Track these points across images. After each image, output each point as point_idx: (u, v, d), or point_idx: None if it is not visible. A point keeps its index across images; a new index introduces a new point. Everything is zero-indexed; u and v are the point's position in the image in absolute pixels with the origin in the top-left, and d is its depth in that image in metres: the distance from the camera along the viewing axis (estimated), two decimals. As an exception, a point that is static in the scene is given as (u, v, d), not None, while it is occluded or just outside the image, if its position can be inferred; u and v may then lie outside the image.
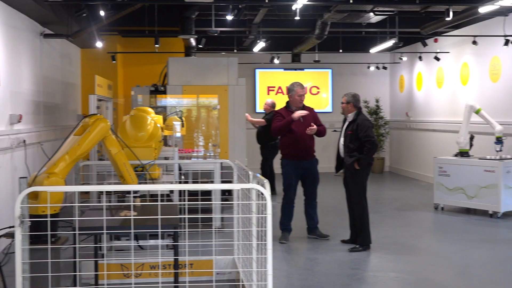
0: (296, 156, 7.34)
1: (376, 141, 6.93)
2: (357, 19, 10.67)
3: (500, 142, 8.89)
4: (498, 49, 10.09)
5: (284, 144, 7.43)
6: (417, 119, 14.03)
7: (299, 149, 7.32)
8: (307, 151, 7.39)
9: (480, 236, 7.69)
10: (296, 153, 7.33)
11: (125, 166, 4.87)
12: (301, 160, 7.36)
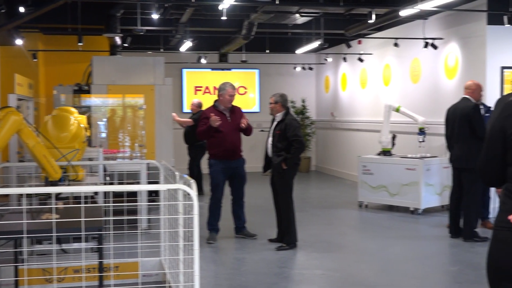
0: (223, 156, 7.33)
1: (304, 141, 7.01)
2: (283, 20, 10.81)
3: (423, 133, 9.18)
4: (418, 51, 10.44)
5: (212, 144, 7.41)
6: (342, 119, 14.34)
7: (226, 149, 7.32)
8: (234, 151, 7.40)
9: (402, 232, 7.94)
10: (224, 153, 7.33)
11: (45, 158, 4.71)
12: (228, 160, 7.36)
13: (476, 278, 5.70)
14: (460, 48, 9.51)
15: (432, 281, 5.86)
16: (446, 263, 6.64)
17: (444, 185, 9.03)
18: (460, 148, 7.28)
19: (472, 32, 9.20)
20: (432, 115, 9.95)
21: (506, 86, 8.84)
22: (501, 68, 8.85)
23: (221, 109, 7.36)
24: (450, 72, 9.76)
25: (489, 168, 2.42)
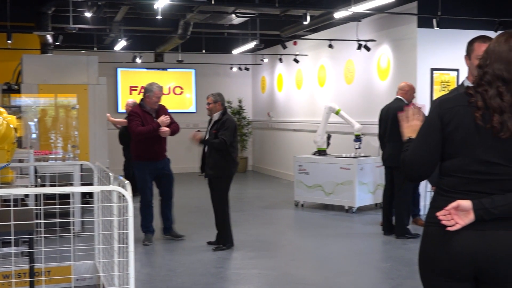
0: (148, 157, 7.22)
1: (226, 144, 6.75)
2: (219, 20, 10.79)
3: (359, 140, 9.38)
4: (352, 53, 10.65)
5: (137, 145, 7.25)
6: (278, 119, 14.45)
7: (152, 150, 7.21)
8: (160, 152, 7.33)
9: (337, 231, 8.07)
10: (150, 155, 7.21)
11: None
12: (153, 161, 7.26)
13: (407, 274, 5.85)
14: (392, 50, 9.76)
15: (365, 277, 5.98)
16: (379, 260, 6.80)
17: (377, 183, 9.24)
18: (392, 147, 7.46)
19: (404, 34, 9.46)
20: (365, 115, 10.16)
21: (436, 87, 9.13)
22: (431, 69, 9.13)
23: (147, 110, 7.26)
24: (383, 73, 10.00)
25: (422, 161, 2.47)
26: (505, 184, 2.34)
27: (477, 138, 2.36)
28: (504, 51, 2.38)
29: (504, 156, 2.33)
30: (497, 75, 2.36)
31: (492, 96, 2.33)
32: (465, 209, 2.33)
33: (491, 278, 2.37)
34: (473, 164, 2.37)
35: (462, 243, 2.36)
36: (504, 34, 2.45)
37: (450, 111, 2.41)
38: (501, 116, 2.31)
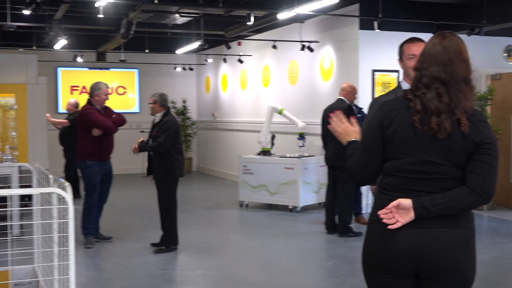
0: (99, 156, 7.10)
1: (163, 147, 6.66)
2: (163, 19, 10.69)
3: (303, 138, 9.47)
4: (295, 54, 10.74)
5: (88, 143, 7.06)
6: (223, 119, 14.44)
7: (103, 149, 7.10)
8: (110, 152, 7.22)
9: (282, 230, 8.12)
10: (100, 153, 7.10)
11: None
12: (103, 160, 7.14)
13: (350, 272, 5.95)
14: (335, 51, 9.90)
15: (309, 276, 6.04)
16: (323, 258, 6.88)
17: (321, 183, 9.35)
18: (334, 146, 7.56)
19: (346, 36, 9.60)
20: (309, 116, 10.26)
21: (377, 88, 9.31)
22: (372, 71, 9.30)
23: (98, 109, 7.15)
24: (326, 74, 10.13)
25: (366, 165, 2.51)
26: (444, 183, 2.41)
27: (416, 139, 2.41)
28: (440, 53, 2.43)
29: (442, 156, 2.39)
30: (435, 77, 2.41)
31: (430, 98, 2.39)
32: (406, 208, 2.38)
33: (431, 274, 2.42)
34: (412, 164, 2.42)
35: (402, 240, 2.41)
36: (438, 36, 2.50)
37: (390, 114, 2.46)
38: (438, 118, 2.37)
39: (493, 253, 6.65)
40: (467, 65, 2.45)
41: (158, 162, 6.75)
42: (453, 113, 2.37)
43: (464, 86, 2.41)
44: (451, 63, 2.42)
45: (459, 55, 2.44)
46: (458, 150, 2.38)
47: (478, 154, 2.38)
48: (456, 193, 2.38)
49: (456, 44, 2.45)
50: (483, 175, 2.37)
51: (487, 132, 2.41)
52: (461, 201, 2.38)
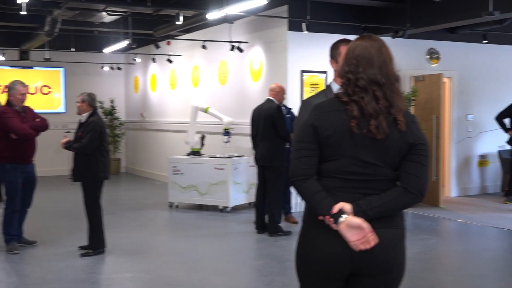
0: (20, 159, 6.82)
1: (87, 149, 6.50)
2: (89, 17, 10.46)
3: (228, 133, 9.47)
4: (225, 54, 10.74)
5: (9, 146, 6.75)
6: (152, 119, 14.27)
7: (23, 152, 6.80)
8: (32, 155, 6.96)
9: (212, 230, 8.10)
10: (21, 157, 6.81)
11: None
12: (24, 163, 6.86)
13: (280, 270, 6.00)
14: (264, 52, 9.96)
15: (239, 276, 6.06)
16: (253, 258, 6.91)
17: (251, 183, 9.39)
18: (264, 147, 7.62)
19: (275, 37, 9.69)
20: (238, 116, 10.29)
21: (306, 88, 9.44)
22: (301, 71, 9.42)
23: (17, 109, 6.88)
24: (255, 75, 10.19)
25: (301, 170, 2.49)
26: (379, 184, 2.45)
27: (352, 141, 2.43)
28: (374, 55, 2.48)
29: (378, 157, 2.43)
30: (371, 79, 2.44)
31: (369, 101, 2.41)
32: (346, 212, 2.39)
33: (370, 273, 2.46)
34: (350, 165, 2.44)
35: (342, 244, 2.41)
36: (365, 38, 2.54)
37: (324, 117, 2.46)
38: (377, 120, 2.40)
39: (416, 249, 6.88)
40: (395, 66, 2.52)
41: (82, 163, 6.56)
42: (389, 114, 2.42)
43: (397, 87, 2.48)
44: (385, 64, 2.47)
45: (390, 56, 2.50)
46: (393, 151, 2.43)
47: (412, 154, 2.45)
48: (391, 194, 2.43)
49: (385, 46, 2.52)
50: (416, 175, 2.44)
51: (419, 133, 2.48)
52: (397, 202, 2.43)
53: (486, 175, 11.34)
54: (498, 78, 11.31)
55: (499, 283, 5.76)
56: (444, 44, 10.72)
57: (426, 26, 9.39)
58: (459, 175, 11.04)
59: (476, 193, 11.17)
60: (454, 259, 6.92)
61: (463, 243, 7.58)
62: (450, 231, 8.46)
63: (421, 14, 9.17)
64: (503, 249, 7.27)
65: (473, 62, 11.05)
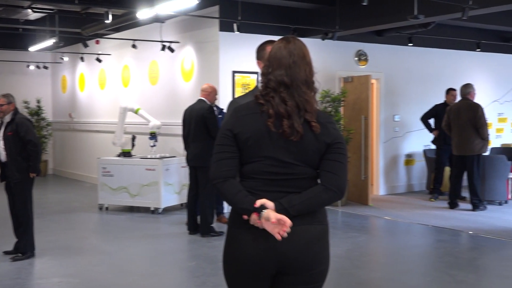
0: None
1: (38, 142, 6.59)
2: (14, 14, 10.12)
3: (154, 137, 9.37)
4: (156, 54, 10.63)
5: None
6: (81, 120, 13.95)
7: None
8: None
9: (143, 232, 8.00)
10: None
11: None
12: None
13: (212, 271, 5.98)
14: (196, 52, 9.92)
15: (171, 277, 6.01)
16: (185, 259, 6.87)
17: (183, 183, 9.33)
18: (196, 147, 7.59)
19: (206, 37, 9.66)
20: (170, 116, 10.21)
21: (238, 89, 9.47)
22: (232, 72, 9.44)
23: None
24: (187, 75, 10.13)
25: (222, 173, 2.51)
26: (300, 183, 2.49)
27: (271, 142, 2.47)
28: (284, 56, 2.52)
29: (297, 157, 2.47)
30: (279, 81, 2.49)
31: (278, 102, 2.46)
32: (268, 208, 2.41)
33: (293, 270, 2.49)
34: (270, 166, 2.48)
35: (266, 243, 2.44)
36: (282, 40, 2.59)
37: (242, 119, 2.50)
38: (289, 121, 2.44)
39: (346, 247, 7.02)
40: (310, 68, 2.54)
41: (18, 162, 6.38)
42: (301, 115, 2.46)
43: (306, 88, 2.50)
44: (294, 65, 2.50)
45: (303, 59, 2.53)
46: (311, 151, 2.48)
47: (330, 153, 2.50)
48: (311, 192, 2.47)
49: (300, 48, 2.54)
50: (335, 173, 2.49)
51: (336, 133, 2.53)
52: (317, 199, 2.47)
53: (412, 174, 11.71)
54: (423, 80, 11.70)
55: (425, 278, 5.95)
56: (372, 46, 10.99)
57: (355, 28, 9.60)
58: (387, 174, 11.35)
59: (403, 191, 11.52)
60: (383, 256, 7.11)
61: (391, 240, 7.79)
62: (378, 229, 8.68)
63: (350, 16, 9.37)
64: (428, 245, 7.52)
65: (399, 64, 11.38)
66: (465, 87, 9.48)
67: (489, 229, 7.98)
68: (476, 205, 9.28)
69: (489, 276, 6.00)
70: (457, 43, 11.80)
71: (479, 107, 9.23)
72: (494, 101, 12.85)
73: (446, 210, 9.41)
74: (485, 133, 9.14)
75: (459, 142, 9.33)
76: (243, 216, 2.45)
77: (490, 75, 12.79)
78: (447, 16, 8.63)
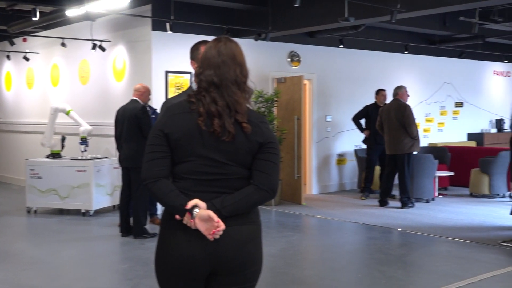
0: None
1: None
2: None
3: (85, 142, 9.18)
4: (86, 53, 10.40)
5: None
6: (7, 120, 13.49)
7: None
8: None
9: (74, 235, 7.81)
10: None
11: None
12: None
13: (145, 273, 5.91)
14: (128, 52, 9.77)
15: (102, 280, 5.89)
16: (117, 262, 6.75)
17: (115, 185, 9.17)
18: (128, 147, 7.48)
19: (139, 36, 9.53)
20: (101, 117, 10.01)
21: (171, 89, 9.39)
22: (165, 72, 9.36)
23: None
24: (119, 75, 9.96)
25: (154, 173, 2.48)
26: (233, 183, 2.49)
27: (202, 142, 2.46)
28: (214, 56, 2.52)
29: (229, 157, 2.47)
30: (209, 81, 2.49)
31: (209, 102, 2.46)
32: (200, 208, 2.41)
33: (227, 270, 2.49)
34: (202, 166, 2.47)
35: (199, 244, 2.44)
36: (214, 40, 2.59)
37: (173, 119, 2.49)
38: (220, 120, 2.45)
39: (280, 246, 7.09)
40: (242, 69, 2.54)
41: None
42: (231, 116, 2.46)
43: (236, 89, 2.50)
44: (223, 65, 2.50)
45: (233, 59, 2.53)
46: (243, 151, 2.48)
47: (262, 153, 2.51)
48: (244, 192, 2.48)
49: (230, 48, 2.54)
50: (267, 172, 2.50)
51: (269, 133, 2.54)
52: (249, 199, 2.48)
53: (344, 173, 11.95)
54: (354, 81, 11.96)
55: (357, 275, 6.09)
56: (304, 47, 11.14)
57: (287, 29, 9.71)
58: (319, 173, 11.53)
59: (335, 190, 11.74)
60: (316, 254, 7.22)
61: (323, 238, 7.92)
62: (311, 227, 8.81)
63: (282, 17, 9.47)
64: (360, 243, 7.69)
65: (331, 65, 11.59)
66: (396, 88, 9.78)
67: (417, 226, 8.24)
68: (405, 203, 9.56)
69: (417, 271, 6.19)
70: (386, 45, 12.13)
71: (406, 107, 9.52)
72: (421, 102, 13.28)
73: (377, 208, 9.65)
74: (413, 132, 9.43)
75: (389, 141, 9.60)
76: (176, 216, 2.44)
77: (417, 76, 13.21)
78: (377, 19, 8.86)
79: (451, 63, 13.87)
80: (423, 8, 8.18)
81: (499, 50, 14.07)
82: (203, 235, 2.40)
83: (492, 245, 7.02)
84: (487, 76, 15.21)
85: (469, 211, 9.33)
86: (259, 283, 2.63)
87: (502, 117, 15.32)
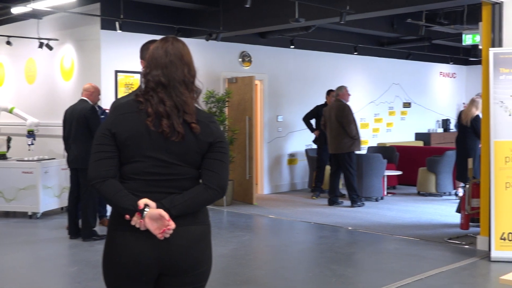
0: None
1: None
2: None
3: (32, 135, 8.98)
4: (33, 51, 10.16)
5: None
6: (-50, 121, 13.04)
7: None
8: None
9: (20, 238, 7.62)
10: None
11: None
12: None
13: (94, 276, 5.81)
14: (76, 51, 9.60)
15: (50, 284, 5.77)
16: (66, 264, 6.63)
17: (63, 186, 8.99)
18: (77, 148, 7.34)
19: (87, 35, 9.37)
20: (49, 117, 9.80)
21: (121, 89, 9.27)
22: (115, 71, 9.23)
23: None
24: (67, 74, 9.77)
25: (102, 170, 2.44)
26: (182, 183, 2.48)
27: (151, 142, 2.44)
28: (161, 56, 2.50)
29: (179, 157, 2.46)
30: (156, 81, 2.47)
31: (157, 102, 2.44)
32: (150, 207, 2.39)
33: (176, 271, 2.47)
34: (150, 166, 2.45)
35: (147, 245, 2.41)
36: (162, 40, 2.57)
37: (120, 118, 2.46)
38: (169, 120, 2.43)
39: (231, 246, 7.09)
40: (189, 69, 2.53)
41: None
42: (180, 116, 2.45)
43: (184, 89, 2.49)
44: (171, 65, 2.48)
45: (181, 59, 2.51)
46: (193, 151, 2.47)
47: (211, 152, 2.50)
48: (193, 191, 2.47)
49: (177, 48, 2.52)
50: (217, 171, 2.50)
51: (218, 132, 2.54)
52: (199, 198, 2.47)
53: (295, 173, 12.04)
54: (305, 81, 12.06)
55: (307, 274, 6.14)
56: (255, 47, 11.18)
57: (238, 30, 9.72)
58: (271, 173, 11.58)
59: (287, 190, 11.82)
60: (267, 254, 7.25)
61: (275, 238, 7.96)
62: (263, 227, 8.84)
63: (234, 18, 9.47)
64: (311, 242, 7.76)
65: (282, 66, 11.66)
66: (337, 89, 9.97)
67: (367, 224, 8.38)
68: (354, 199, 9.71)
69: (366, 269, 6.29)
70: (336, 46, 12.28)
71: (345, 107, 9.69)
72: (370, 102, 13.51)
73: (327, 207, 9.76)
74: (352, 132, 9.59)
75: (331, 141, 9.78)
76: (125, 216, 2.40)
77: (366, 77, 13.43)
78: (327, 20, 8.96)
79: (399, 64, 14.15)
80: (372, 10, 8.32)
81: (445, 52, 14.44)
82: (152, 235, 2.38)
83: (439, 242, 7.20)
84: (433, 77, 15.59)
85: (417, 210, 9.54)
86: (210, 283, 2.63)
87: (448, 117, 15.73)
